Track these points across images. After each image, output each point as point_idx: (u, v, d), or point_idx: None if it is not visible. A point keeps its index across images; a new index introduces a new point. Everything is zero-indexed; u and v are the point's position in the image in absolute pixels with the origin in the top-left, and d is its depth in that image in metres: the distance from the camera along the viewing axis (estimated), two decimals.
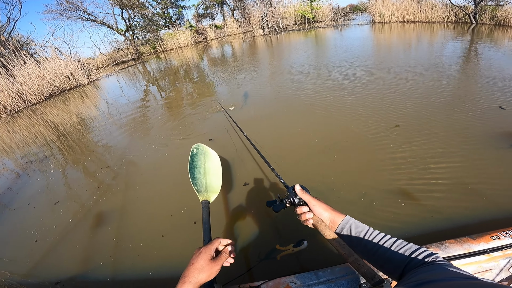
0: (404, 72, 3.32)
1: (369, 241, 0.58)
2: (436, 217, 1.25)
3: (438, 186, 1.43)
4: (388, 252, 0.54)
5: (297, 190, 0.69)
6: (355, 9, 14.17)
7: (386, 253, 0.54)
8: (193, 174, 1.10)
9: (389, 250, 0.54)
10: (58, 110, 5.45)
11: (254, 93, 3.58)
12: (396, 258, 0.52)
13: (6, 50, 6.94)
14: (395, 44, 5.41)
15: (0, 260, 1.60)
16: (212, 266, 0.57)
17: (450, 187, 1.40)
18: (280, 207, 0.72)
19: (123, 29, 12.57)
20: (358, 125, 2.18)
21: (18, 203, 2.19)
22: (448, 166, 1.55)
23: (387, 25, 8.43)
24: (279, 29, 11.59)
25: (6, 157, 3.43)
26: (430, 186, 1.44)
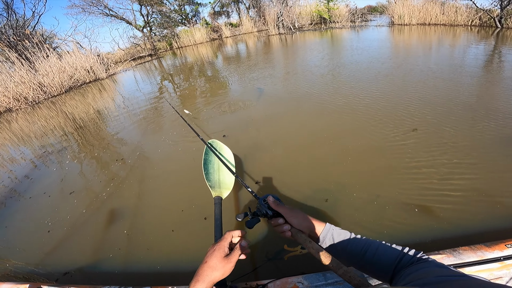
0: (423, 77, 3.22)
1: (354, 247, 0.57)
2: (451, 225, 1.22)
3: (455, 195, 1.38)
4: (376, 256, 0.53)
5: (270, 202, 0.65)
6: (373, 10, 13.84)
7: (373, 258, 0.54)
8: (206, 170, 1.12)
9: (376, 254, 0.54)
10: (76, 102, 5.66)
11: (266, 92, 3.58)
12: (384, 262, 0.52)
13: (30, 43, 7.25)
14: (415, 47, 5.26)
15: (13, 249, 1.65)
16: (225, 263, 0.54)
17: (467, 197, 1.36)
18: (254, 222, 0.65)
19: (141, 25, 12.86)
20: (373, 129, 2.14)
21: (34, 191, 2.27)
22: (465, 176, 1.50)
23: (406, 27, 8.19)
24: (294, 29, 11.50)
25: (24, 146, 3.60)
26: (446, 194, 1.40)
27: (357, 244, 0.57)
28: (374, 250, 0.54)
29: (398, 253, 0.52)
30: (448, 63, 3.72)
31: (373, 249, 0.55)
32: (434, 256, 0.79)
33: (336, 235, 0.60)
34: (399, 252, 0.52)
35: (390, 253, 0.53)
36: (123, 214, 1.73)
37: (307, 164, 1.86)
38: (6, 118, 5.62)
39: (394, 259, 0.51)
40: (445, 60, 3.97)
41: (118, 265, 1.35)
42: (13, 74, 6.42)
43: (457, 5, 7.71)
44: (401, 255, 0.51)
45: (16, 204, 2.16)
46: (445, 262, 0.77)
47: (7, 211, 2.08)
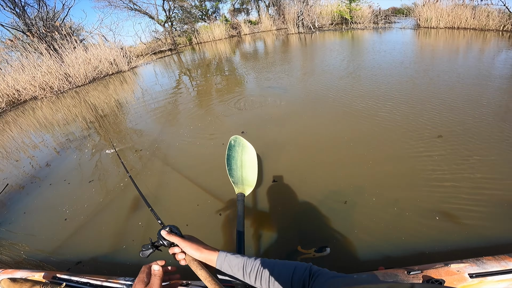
0: (450, 83, 3.09)
1: (249, 267, 0.58)
2: (474, 235, 1.18)
3: (479, 206, 1.33)
4: (272, 275, 0.55)
5: (164, 235, 0.67)
6: (398, 12, 13.37)
7: (270, 278, 0.55)
8: (229, 165, 1.14)
9: (272, 273, 0.55)
10: (99, 93, 5.88)
11: (283, 92, 3.56)
12: (280, 279, 0.54)
13: (59, 35, 7.60)
14: (442, 50, 5.04)
15: (29, 235, 1.69)
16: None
17: (492, 208, 1.30)
18: (148, 252, 0.69)
19: (163, 20, 13.12)
20: (396, 135, 2.09)
21: (55, 178, 2.35)
22: (491, 187, 1.44)
23: (433, 30, 7.85)
24: (314, 28, 11.33)
25: (47, 133, 3.78)
26: (469, 204, 1.35)
27: (252, 267, 0.58)
28: (270, 271, 0.56)
29: (290, 269, 0.54)
30: (476, 69, 3.54)
31: (268, 269, 0.56)
32: (457, 265, 0.79)
33: (231, 261, 0.61)
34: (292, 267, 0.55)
35: (284, 271, 0.55)
36: (139, 206, 1.76)
37: (326, 165, 1.83)
38: (31, 105, 5.93)
39: (288, 275, 0.53)
40: (473, 65, 3.78)
41: (130, 256, 1.36)
42: (40, 64, 6.76)
43: (489, 10, 7.31)
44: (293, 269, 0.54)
45: (36, 190, 2.23)
46: (468, 271, 0.77)
47: (27, 197, 2.15)
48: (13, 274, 1.06)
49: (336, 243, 1.22)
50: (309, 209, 1.45)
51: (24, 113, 5.39)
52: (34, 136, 3.78)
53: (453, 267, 0.78)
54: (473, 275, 0.76)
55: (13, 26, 7.63)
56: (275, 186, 1.69)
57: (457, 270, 0.78)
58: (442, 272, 0.78)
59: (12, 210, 2.01)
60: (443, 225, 1.25)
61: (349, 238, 1.24)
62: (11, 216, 1.94)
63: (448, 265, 0.79)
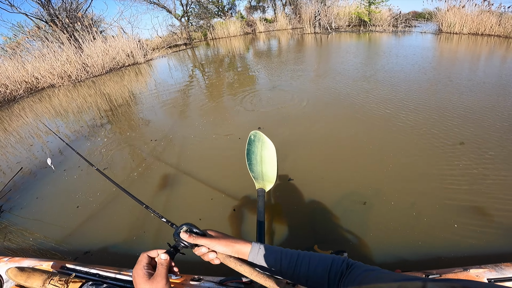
0: (474, 91, 2.96)
1: (286, 262, 0.56)
2: (493, 241, 1.17)
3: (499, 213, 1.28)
4: (309, 268, 0.54)
5: (185, 238, 0.57)
6: (419, 16, 12.99)
7: (308, 270, 0.54)
8: (249, 160, 1.13)
9: (309, 266, 0.54)
10: (114, 84, 5.99)
11: (297, 91, 3.51)
12: (318, 272, 0.52)
13: (81, 25, 7.79)
14: (465, 57, 4.85)
15: (40, 222, 1.69)
16: (155, 282, 0.49)
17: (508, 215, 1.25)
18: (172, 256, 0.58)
19: (179, 14, 13.23)
20: (416, 140, 2.02)
21: (68, 164, 2.39)
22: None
23: (455, 36, 7.59)
24: (331, 29, 11.16)
25: (62, 120, 3.87)
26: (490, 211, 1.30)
27: (289, 259, 0.56)
28: (306, 263, 0.54)
29: (328, 261, 0.53)
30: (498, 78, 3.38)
31: (305, 261, 0.55)
32: (476, 270, 0.80)
33: (266, 253, 0.58)
34: (329, 259, 0.54)
35: (322, 263, 0.54)
36: (152, 197, 1.76)
37: (343, 166, 1.80)
38: (48, 93, 6.10)
39: (325, 268, 0.52)
40: (496, 73, 3.61)
41: (141, 248, 1.34)
42: (61, 53, 6.94)
43: None
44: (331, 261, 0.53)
45: (49, 175, 2.26)
46: (487, 276, 0.78)
47: (40, 182, 2.18)
48: (20, 263, 1.03)
49: (352, 244, 1.20)
50: (325, 209, 1.43)
51: (41, 100, 5.55)
52: (49, 123, 3.88)
53: (472, 272, 0.79)
54: (492, 280, 0.77)
55: (37, 16, 7.85)
56: (292, 184, 1.67)
57: (476, 275, 0.78)
58: (461, 276, 0.79)
59: (24, 195, 2.04)
60: (461, 230, 1.23)
61: (365, 240, 1.22)
62: (23, 201, 1.96)
63: (467, 270, 0.80)
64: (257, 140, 1.24)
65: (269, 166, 1.14)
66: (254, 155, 1.17)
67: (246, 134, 2.39)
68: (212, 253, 0.58)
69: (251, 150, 1.18)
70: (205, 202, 1.62)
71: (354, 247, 1.19)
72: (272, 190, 1.61)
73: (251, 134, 1.25)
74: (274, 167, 1.15)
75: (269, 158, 1.18)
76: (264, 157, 1.18)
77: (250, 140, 1.22)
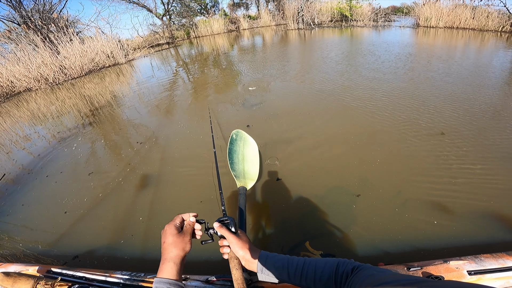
0: (450, 83, 3.10)
1: (293, 269, 0.59)
2: (472, 232, 1.20)
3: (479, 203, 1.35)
4: (315, 272, 0.56)
5: (215, 227, 0.69)
6: (397, 11, 13.37)
7: (314, 274, 0.56)
8: (231, 159, 1.13)
9: (315, 270, 0.56)
10: (95, 85, 5.78)
11: (284, 88, 3.54)
12: (324, 275, 0.54)
13: (56, 27, 7.45)
14: (441, 49, 5.05)
15: (27, 228, 1.64)
16: (182, 239, 0.61)
17: (490, 205, 1.32)
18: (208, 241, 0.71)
19: (161, 13, 12.91)
20: (399, 133, 2.10)
21: (51, 170, 2.31)
22: (489, 185, 1.45)
23: (432, 29, 7.87)
24: (314, 25, 11.27)
25: (40, 125, 3.70)
26: (469, 202, 1.37)
27: (296, 266, 0.59)
28: (313, 268, 0.57)
29: (334, 264, 0.55)
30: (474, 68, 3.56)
31: (311, 267, 0.57)
32: (455, 262, 0.80)
33: (273, 260, 0.62)
34: (335, 262, 0.56)
35: (328, 267, 0.55)
36: (139, 200, 1.72)
37: (330, 162, 1.83)
38: (24, 97, 5.81)
39: (331, 271, 0.54)
40: (471, 65, 3.80)
41: (128, 251, 1.34)
42: (36, 56, 6.62)
43: (489, 10, 7.34)
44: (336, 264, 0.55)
45: (32, 181, 2.19)
46: (467, 268, 0.79)
47: (24, 189, 2.11)
48: (6, 268, 1.03)
49: (336, 238, 1.23)
50: (311, 205, 1.45)
51: (17, 104, 5.28)
52: (27, 128, 3.71)
53: (452, 264, 0.80)
54: (472, 272, 0.77)
55: (9, 18, 7.44)
56: (279, 182, 1.68)
57: (456, 267, 0.79)
58: (442, 268, 0.79)
59: (9, 201, 1.97)
60: (442, 223, 1.26)
61: (349, 234, 1.25)
62: (9, 208, 1.90)
63: (447, 262, 0.80)
64: (239, 139, 1.24)
65: (251, 164, 1.15)
66: (236, 154, 1.17)
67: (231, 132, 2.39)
68: (227, 248, 0.66)
69: (233, 149, 1.19)
70: (194, 205, 1.58)
71: (338, 241, 1.21)
72: (261, 187, 1.63)
73: (233, 134, 1.26)
74: (256, 165, 1.16)
75: (251, 156, 1.19)
76: (246, 155, 1.19)
77: (231, 140, 1.23)
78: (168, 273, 0.56)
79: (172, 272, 0.56)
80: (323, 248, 1.18)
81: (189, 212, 0.69)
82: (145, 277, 0.91)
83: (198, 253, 1.20)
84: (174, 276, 0.56)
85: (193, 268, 1.13)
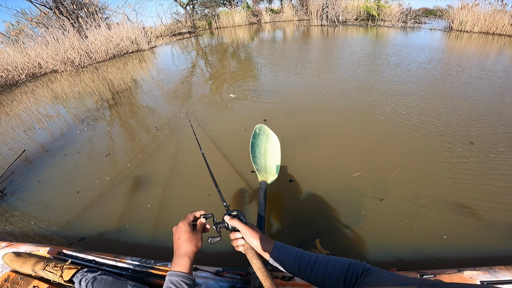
0: (484, 91, 2.91)
1: (305, 263, 0.59)
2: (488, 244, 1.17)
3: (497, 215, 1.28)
4: (326, 270, 0.56)
5: (226, 220, 0.70)
6: (429, 13, 12.69)
7: (325, 271, 0.56)
8: (254, 153, 1.13)
9: (326, 268, 0.56)
10: (117, 70, 5.93)
11: (301, 84, 3.46)
12: (334, 275, 0.54)
13: (86, 12, 7.70)
14: (480, 56, 4.76)
15: (41, 206, 1.71)
16: (195, 235, 0.64)
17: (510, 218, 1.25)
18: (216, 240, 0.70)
19: (184, 2, 12.99)
20: (425, 141, 2.00)
21: (69, 149, 2.39)
22: None
23: (466, 34, 7.44)
24: (338, 22, 10.94)
25: (62, 105, 3.85)
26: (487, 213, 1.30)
27: (308, 260, 0.59)
28: (324, 265, 0.57)
29: (345, 264, 0.55)
30: None
31: (323, 264, 0.57)
32: (470, 272, 0.82)
33: (287, 252, 0.63)
34: (347, 262, 0.56)
35: (339, 266, 0.55)
36: (149, 187, 1.74)
37: (347, 162, 1.78)
38: (50, 78, 6.07)
39: (342, 270, 0.54)
40: None
41: (133, 236, 1.36)
42: (64, 40, 6.87)
43: None
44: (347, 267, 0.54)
45: (50, 159, 2.27)
46: (481, 278, 0.80)
47: (42, 166, 2.19)
48: (17, 248, 1.05)
49: (348, 241, 1.20)
50: (325, 205, 1.43)
51: (42, 85, 5.52)
52: (50, 108, 3.87)
53: (466, 274, 0.80)
54: (485, 283, 0.79)
55: (41, 3, 7.73)
56: (294, 180, 1.66)
57: (470, 277, 0.80)
58: (455, 277, 0.80)
59: (26, 178, 2.05)
60: (459, 232, 1.23)
61: (362, 237, 1.22)
62: (25, 184, 1.97)
63: (462, 271, 0.81)
64: (261, 133, 1.24)
65: (272, 159, 1.14)
66: (258, 148, 1.17)
67: (249, 126, 2.37)
68: (241, 240, 0.68)
69: (255, 143, 1.19)
70: (202, 197, 1.59)
71: (351, 243, 1.19)
72: (274, 184, 1.60)
73: (256, 128, 1.25)
74: (277, 160, 1.15)
75: (273, 151, 1.18)
76: (268, 150, 1.18)
77: (255, 134, 1.23)
78: (182, 266, 0.59)
79: (185, 266, 0.59)
80: (333, 249, 1.16)
81: (199, 210, 0.72)
82: (155, 264, 0.92)
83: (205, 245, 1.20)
84: (186, 269, 0.59)
85: (200, 259, 1.13)
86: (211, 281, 0.83)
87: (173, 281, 0.56)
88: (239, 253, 0.69)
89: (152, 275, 0.89)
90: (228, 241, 0.71)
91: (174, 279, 0.56)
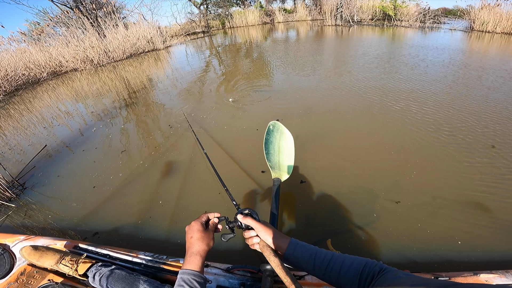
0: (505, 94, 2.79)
1: (320, 261, 0.58)
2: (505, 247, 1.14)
3: None
4: (341, 268, 0.55)
5: (240, 218, 0.70)
6: (449, 13, 12.23)
7: (339, 271, 0.55)
8: (267, 150, 1.13)
9: (341, 266, 0.55)
10: (134, 68, 6.10)
11: (315, 85, 3.43)
12: (350, 274, 0.54)
13: (105, 12, 7.96)
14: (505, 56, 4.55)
15: (59, 200, 1.76)
16: (208, 235, 0.66)
17: None
18: (229, 237, 0.72)
19: (198, 2, 13.17)
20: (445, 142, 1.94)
21: (87, 145, 2.48)
22: None
23: (487, 34, 7.12)
24: (353, 22, 10.76)
25: (81, 103, 3.99)
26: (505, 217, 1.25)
27: (323, 258, 0.59)
28: (339, 263, 0.56)
29: (361, 263, 0.54)
30: None
31: (338, 262, 0.56)
32: (486, 275, 0.80)
33: (302, 249, 0.62)
34: (363, 262, 0.55)
35: (355, 265, 0.55)
36: (161, 185, 1.77)
37: (362, 164, 1.75)
38: (70, 76, 6.31)
39: (358, 269, 0.53)
40: None
41: (144, 232, 1.39)
42: (84, 39, 7.13)
43: None
44: (364, 264, 0.54)
45: (69, 155, 2.36)
46: (497, 282, 0.79)
47: (62, 161, 2.28)
48: (35, 242, 1.07)
49: (360, 242, 1.20)
50: (337, 206, 1.42)
51: (63, 83, 5.75)
52: (69, 105, 4.03)
53: (482, 277, 0.79)
54: (501, 286, 0.76)
55: (62, 2, 8.05)
56: (306, 180, 1.65)
57: (486, 280, 0.79)
58: (471, 280, 0.79)
59: (47, 172, 2.14)
60: (475, 234, 1.20)
61: (374, 238, 1.21)
62: (45, 178, 2.06)
63: (478, 274, 0.80)
64: (275, 130, 1.24)
65: (286, 157, 1.14)
66: (272, 145, 1.17)
67: (261, 125, 2.38)
68: (256, 238, 0.68)
69: (269, 140, 1.19)
70: (213, 195, 1.60)
71: (364, 244, 1.18)
72: (285, 185, 1.60)
73: (270, 124, 1.25)
74: (291, 158, 1.15)
75: (287, 149, 1.18)
76: (282, 147, 1.18)
77: (268, 130, 1.23)
78: (194, 265, 0.60)
79: (197, 264, 0.60)
80: (345, 250, 1.16)
81: (213, 212, 0.73)
82: (167, 260, 0.94)
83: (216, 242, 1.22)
84: (198, 268, 0.60)
85: (211, 256, 1.15)
86: (221, 278, 0.85)
87: (184, 279, 0.57)
88: (250, 251, 0.70)
89: (164, 271, 0.91)
90: (239, 239, 0.72)
91: (186, 277, 0.57)
